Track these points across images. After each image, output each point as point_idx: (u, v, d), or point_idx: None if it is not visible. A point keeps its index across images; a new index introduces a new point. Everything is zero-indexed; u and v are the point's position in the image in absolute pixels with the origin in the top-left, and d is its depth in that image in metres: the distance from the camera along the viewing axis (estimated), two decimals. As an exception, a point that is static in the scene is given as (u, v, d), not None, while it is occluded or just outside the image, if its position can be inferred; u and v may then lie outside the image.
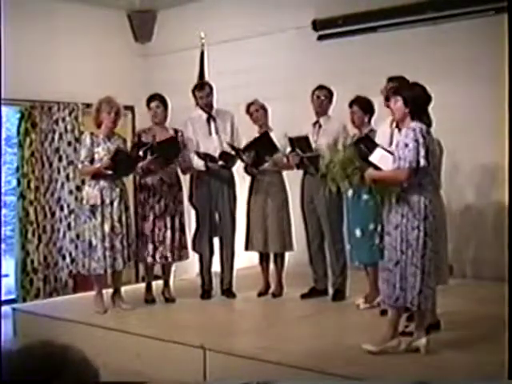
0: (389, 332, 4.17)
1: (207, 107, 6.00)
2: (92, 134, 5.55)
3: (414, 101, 4.09)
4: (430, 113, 4.55)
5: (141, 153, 5.58)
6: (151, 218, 5.73)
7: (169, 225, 5.76)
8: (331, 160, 4.30)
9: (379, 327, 4.33)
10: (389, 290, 4.13)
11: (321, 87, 5.75)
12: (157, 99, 5.82)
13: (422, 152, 3.97)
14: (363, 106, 5.38)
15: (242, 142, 5.87)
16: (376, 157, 4.17)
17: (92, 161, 5.48)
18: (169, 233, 5.76)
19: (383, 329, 4.23)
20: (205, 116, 6.02)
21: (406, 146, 3.99)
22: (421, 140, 3.98)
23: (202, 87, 6.05)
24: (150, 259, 5.78)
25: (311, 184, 5.70)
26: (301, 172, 5.82)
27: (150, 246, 5.74)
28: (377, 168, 4.15)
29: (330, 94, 5.76)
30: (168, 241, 5.75)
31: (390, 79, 4.94)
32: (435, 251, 4.07)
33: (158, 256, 5.76)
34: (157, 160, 5.58)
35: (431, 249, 4.03)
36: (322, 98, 5.72)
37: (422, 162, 3.97)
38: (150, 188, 5.75)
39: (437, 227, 4.09)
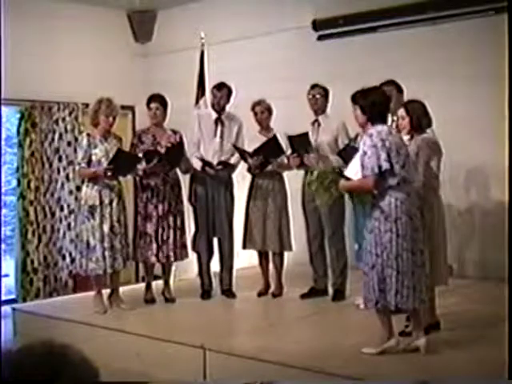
0: (385, 333, 4.17)
1: (218, 107, 5.99)
2: (89, 135, 5.55)
3: (371, 107, 4.09)
4: (430, 113, 4.56)
5: (140, 154, 5.60)
6: (155, 217, 5.74)
7: (172, 224, 5.78)
8: (310, 179, 4.55)
9: (379, 327, 4.33)
10: (369, 294, 4.13)
11: (315, 86, 5.76)
12: (157, 100, 5.79)
13: (383, 155, 3.96)
14: None
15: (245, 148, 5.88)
16: (353, 166, 4.18)
17: (89, 162, 5.48)
18: (171, 232, 5.78)
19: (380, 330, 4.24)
20: (214, 116, 6.01)
21: (365, 153, 4.00)
22: (379, 144, 3.96)
23: (220, 87, 5.99)
24: (153, 259, 5.79)
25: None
26: (302, 171, 5.82)
27: (154, 246, 5.74)
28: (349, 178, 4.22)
29: (325, 92, 5.78)
30: (171, 240, 5.77)
31: (382, 84, 4.93)
32: (413, 251, 4.01)
33: (161, 256, 5.77)
34: (162, 164, 5.60)
35: (407, 249, 3.99)
36: (317, 96, 5.74)
37: (384, 165, 3.96)
38: (154, 188, 5.74)
39: (417, 227, 4.05)
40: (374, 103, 4.09)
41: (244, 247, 6.05)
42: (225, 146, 5.94)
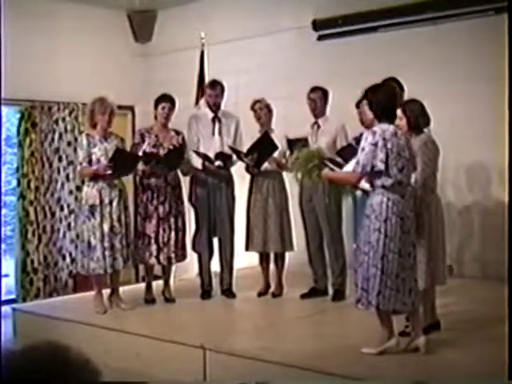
0: (385, 333, 4.17)
1: (214, 106, 5.98)
2: (88, 135, 5.55)
3: (377, 104, 4.08)
4: (428, 112, 4.56)
5: (140, 153, 5.59)
6: (155, 219, 5.73)
7: (173, 226, 5.77)
8: (297, 156, 4.66)
9: (379, 327, 4.33)
10: (355, 291, 4.16)
11: (314, 89, 5.76)
12: (168, 100, 5.75)
13: (381, 155, 3.94)
14: None
15: (245, 147, 5.86)
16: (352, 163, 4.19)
17: (90, 162, 5.48)
18: (173, 234, 5.76)
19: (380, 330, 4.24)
20: (210, 115, 6.00)
21: (363, 149, 3.99)
22: (380, 143, 3.94)
23: (213, 86, 6.00)
24: (153, 260, 5.78)
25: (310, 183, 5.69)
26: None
27: (154, 247, 5.73)
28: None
29: (325, 94, 5.77)
30: (172, 242, 5.76)
31: (383, 82, 4.92)
32: (400, 253, 3.99)
33: (161, 257, 5.75)
34: (160, 166, 5.60)
35: (394, 251, 3.98)
36: (316, 99, 5.73)
37: (379, 165, 3.94)
38: (154, 189, 5.73)
39: (408, 229, 4.03)
40: (381, 100, 4.07)
41: (247, 249, 6.05)
42: (225, 144, 5.94)
